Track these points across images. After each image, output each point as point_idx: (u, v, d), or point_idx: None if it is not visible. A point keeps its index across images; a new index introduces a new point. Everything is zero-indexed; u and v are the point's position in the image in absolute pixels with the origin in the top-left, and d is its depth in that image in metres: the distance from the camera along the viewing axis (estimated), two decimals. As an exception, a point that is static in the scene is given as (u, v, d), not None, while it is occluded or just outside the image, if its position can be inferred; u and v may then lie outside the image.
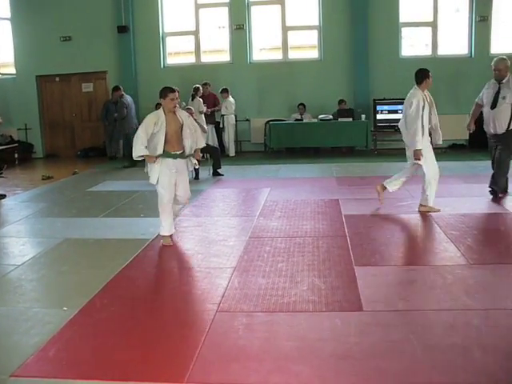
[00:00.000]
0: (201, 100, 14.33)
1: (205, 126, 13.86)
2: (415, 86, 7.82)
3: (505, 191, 8.73)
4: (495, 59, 8.58)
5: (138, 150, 6.55)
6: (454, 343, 4.03)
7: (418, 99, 7.67)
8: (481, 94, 8.87)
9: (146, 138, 6.55)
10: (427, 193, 7.96)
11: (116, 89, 14.69)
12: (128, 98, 14.73)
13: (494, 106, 8.45)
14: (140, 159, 6.65)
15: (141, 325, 4.50)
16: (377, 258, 6.04)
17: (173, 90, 6.69)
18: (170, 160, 6.65)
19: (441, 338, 4.12)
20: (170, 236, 6.86)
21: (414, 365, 3.73)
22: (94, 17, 16.56)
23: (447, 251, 6.30)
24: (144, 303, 5.02)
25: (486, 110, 8.63)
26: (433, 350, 3.93)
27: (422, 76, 7.79)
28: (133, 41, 16.65)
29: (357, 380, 3.57)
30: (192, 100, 14.26)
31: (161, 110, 6.71)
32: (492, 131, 8.54)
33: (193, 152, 6.84)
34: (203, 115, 14.11)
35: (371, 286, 5.19)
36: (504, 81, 8.42)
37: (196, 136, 6.87)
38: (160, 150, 6.57)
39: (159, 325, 4.49)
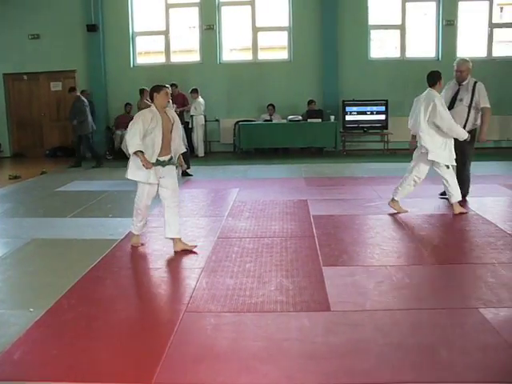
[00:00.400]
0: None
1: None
2: (428, 88, 7.82)
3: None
4: (458, 60, 8.62)
5: (136, 145, 6.09)
6: (420, 342, 4.08)
7: (439, 98, 7.74)
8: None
9: (143, 133, 6.13)
10: (400, 188, 8.04)
11: (72, 89, 14.45)
12: (85, 100, 14.49)
13: (451, 107, 8.34)
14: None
15: (108, 325, 4.47)
16: (344, 258, 6.07)
17: (166, 86, 6.49)
18: (159, 167, 6.36)
19: (407, 337, 4.17)
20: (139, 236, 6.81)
21: (381, 364, 3.76)
22: (62, 15, 16.40)
23: (414, 251, 6.38)
24: (112, 304, 4.99)
25: None
26: (399, 349, 3.98)
27: (434, 78, 7.80)
28: (102, 40, 16.53)
29: (324, 379, 3.59)
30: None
31: (153, 107, 6.34)
32: None
33: (177, 158, 6.56)
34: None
35: (339, 286, 5.22)
36: (464, 83, 8.41)
37: (180, 138, 6.65)
38: (157, 152, 6.25)
39: (127, 325, 4.48)
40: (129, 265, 6.17)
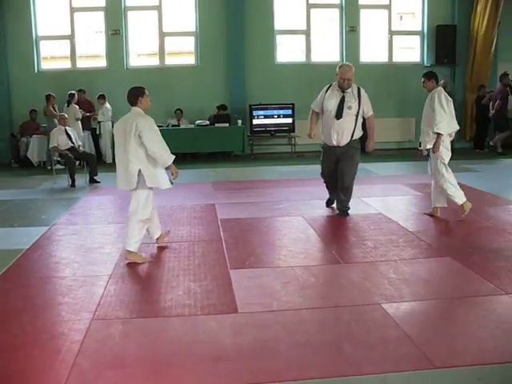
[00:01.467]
0: (76, 106, 14.10)
1: (81, 133, 13.68)
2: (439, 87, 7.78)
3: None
4: (344, 67, 7.99)
5: (170, 156, 6.27)
6: (325, 339, 4.22)
7: None
8: (318, 99, 8.20)
9: None
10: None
11: None
12: None
13: (339, 116, 7.91)
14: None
15: (14, 338, 4.37)
16: (252, 260, 6.16)
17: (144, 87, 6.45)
18: None
19: (313, 335, 4.29)
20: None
21: (288, 362, 3.86)
22: (-40, 19, 15.83)
23: (320, 252, 6.55)
24: (17, 315, 4.85)
25: (329, 120, 8.00)
26: (306, 347, 4.09)
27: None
28: (4, 44, 15.98)
29: (232, 380, 3.65)
30: (67, 106, 14.00)
31: (141, 111, 6.32)
32: (335, 143, 7.97)
33: None
34: (79, 122, 13.93)
35: (246, 288, 5.31)
36: (349, 90, 7.91)
37: None
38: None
39: (33, 337, 4.38)
40: (35, 274, 6.03)
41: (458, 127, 7.89)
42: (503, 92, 15.57)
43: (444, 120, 7.56)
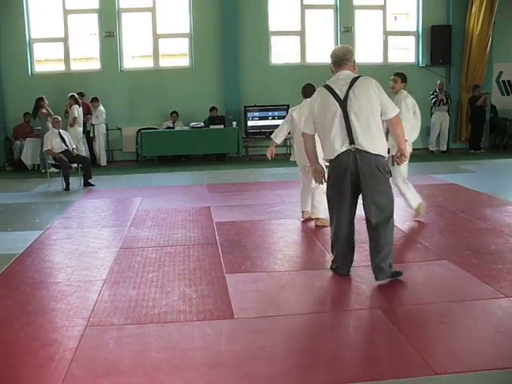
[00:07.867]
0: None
1: (80, 135, 13.76)
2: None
3: None
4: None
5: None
6: (322, 345, 4.15)
7: None
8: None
9: None
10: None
11: None
12: None
13: None
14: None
15: (5, 346, 4.29)
16: (247, 264, 6.09)
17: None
18: None
19: (310, 342, 4.25)
20: None
21: (285, 369, 3.80)
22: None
23: (316, 255, 6.47)
24: (9, 322, 4.78)
25: None
26: (302, 353, 4.04)
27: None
28: (-4, 47, 15.94)
29: (229, 388, 3.59)
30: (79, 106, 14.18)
31: None
32: None
33: None
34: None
35: (242, 293, 5.24)
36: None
37: None
38: None
39: (25, 345, 4.30)
40: (28, 280, 5.92)
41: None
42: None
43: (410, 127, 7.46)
